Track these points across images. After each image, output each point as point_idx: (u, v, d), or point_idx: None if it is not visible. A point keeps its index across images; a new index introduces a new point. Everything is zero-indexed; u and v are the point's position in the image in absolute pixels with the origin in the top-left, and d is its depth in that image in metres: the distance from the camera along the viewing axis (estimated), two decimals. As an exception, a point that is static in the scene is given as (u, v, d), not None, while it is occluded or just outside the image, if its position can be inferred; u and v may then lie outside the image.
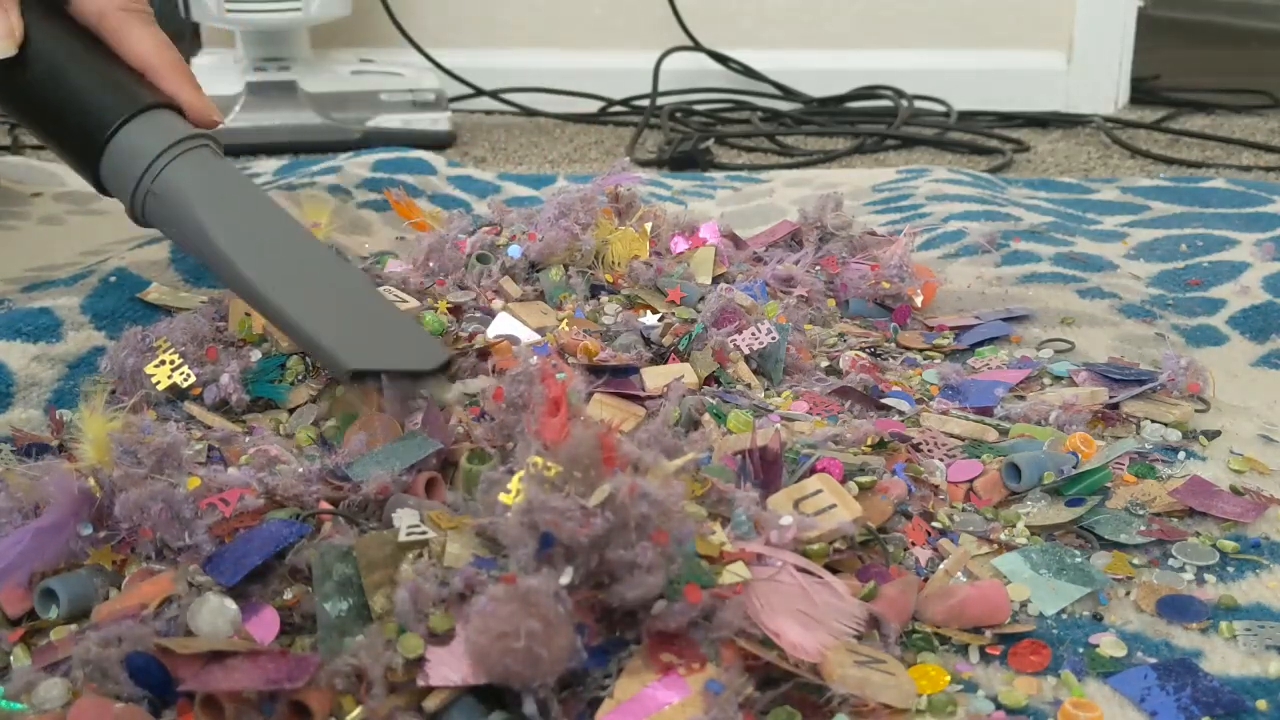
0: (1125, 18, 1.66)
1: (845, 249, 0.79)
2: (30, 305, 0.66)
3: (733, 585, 0.40)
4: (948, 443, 0.56)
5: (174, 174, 0.58)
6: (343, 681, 0.37)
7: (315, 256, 0.58)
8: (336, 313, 0.55)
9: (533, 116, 1.68)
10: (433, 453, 0.49)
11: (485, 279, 0.72)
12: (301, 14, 1.43)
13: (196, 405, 0.59)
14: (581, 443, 0.40)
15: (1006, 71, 1.67)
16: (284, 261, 0.57)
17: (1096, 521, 0.50)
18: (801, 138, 1.53)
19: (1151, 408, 0.60)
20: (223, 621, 0.40)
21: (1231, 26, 2.74)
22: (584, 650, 0.38)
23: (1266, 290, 0.79)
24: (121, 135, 0.59)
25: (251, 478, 0.47)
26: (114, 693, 0.37)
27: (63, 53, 0.61)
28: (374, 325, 0.55)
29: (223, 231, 0.56)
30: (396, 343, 0.54)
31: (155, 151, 0.58)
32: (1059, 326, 0.74)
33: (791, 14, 1.72)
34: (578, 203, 0.75)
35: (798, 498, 0.46)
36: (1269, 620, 0.43)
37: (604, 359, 0.62)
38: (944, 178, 1.11)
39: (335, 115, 1.44)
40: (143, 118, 0.59)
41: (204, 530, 0.44)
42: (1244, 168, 1.31)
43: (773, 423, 0.56)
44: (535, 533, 0.38)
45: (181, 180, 0.58)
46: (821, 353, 0.68)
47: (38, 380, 0.61)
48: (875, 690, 0.38)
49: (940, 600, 0.44)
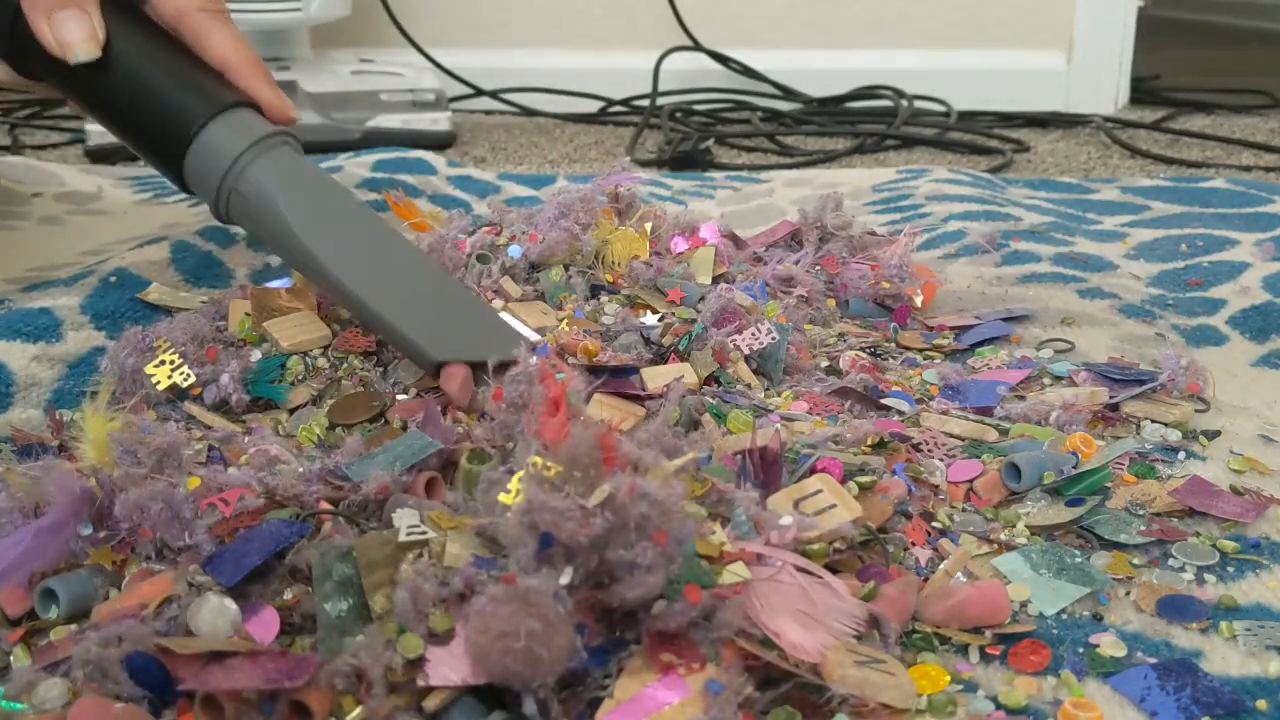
0: (1125, 18, 1.66)
1: (845, 249, 0.79)
2: (30, 305, 0.66)
3: (733, 585, 0.40)
4: (948, 443, 0.56)
5: (257, 172, 0.59)
6: (343, 681, 0.37)
7: (397, 251, 0.59)
8: (421, 306, 0.56)
9: (533, 116, 1.68)
10: (433, 453, 0.49)
11: (485, 279, 0.72)
12: (301, 14, 1.43)
13: (196, 405, 0.59)
14: (581, 443, 0.40)
15: (1006, 71, 1.67)
16: (368, 257, 0.58)
17: (1096, 521, 0.50)
18: (801, 138, 1.53)
19: (1151, 408, 0.60)
20: (223, 621, 0.40)
21: (1231, 26, 2.74)
22: (584, 650, 0.38)
23: (1266, 290, 0.79)
24: (204, 135, 0.59)
25: (251, 478, 0.47)
26: (114, 693, 0.37)
27: (144, 53, 0.62)
28: (457, 317, 0.57)
29: (307, 228, 0.57)
30: (481, 335, 0.56)
31: (238, 150, 0.59)
32: (1059, 326, 0.74)
33: (791, 14, 1.72)
34: (578, 203, 0.75)
35: (798, 498, 0.46)
36: (1269, 620, 0.43)
37: (604, 359, 0.62)
38: (944, 178, 1.11)
39: (335, 115, 1.44)
40: (224, 117, 0.60)
41: (204, 530, 0.44)
42: (1244, 168, 1.31)
43: (773, 423, 0.56)
44: (535, 533, 0.38)
45: (264, 178, 0.59)
46: (821, 353, 0.68)
47: (38, 380, 0.61)
48: (875, 690, 0.38)
49: (940, 600, 0.44)
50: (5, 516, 0.44)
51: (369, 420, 0.57)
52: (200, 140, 0.59)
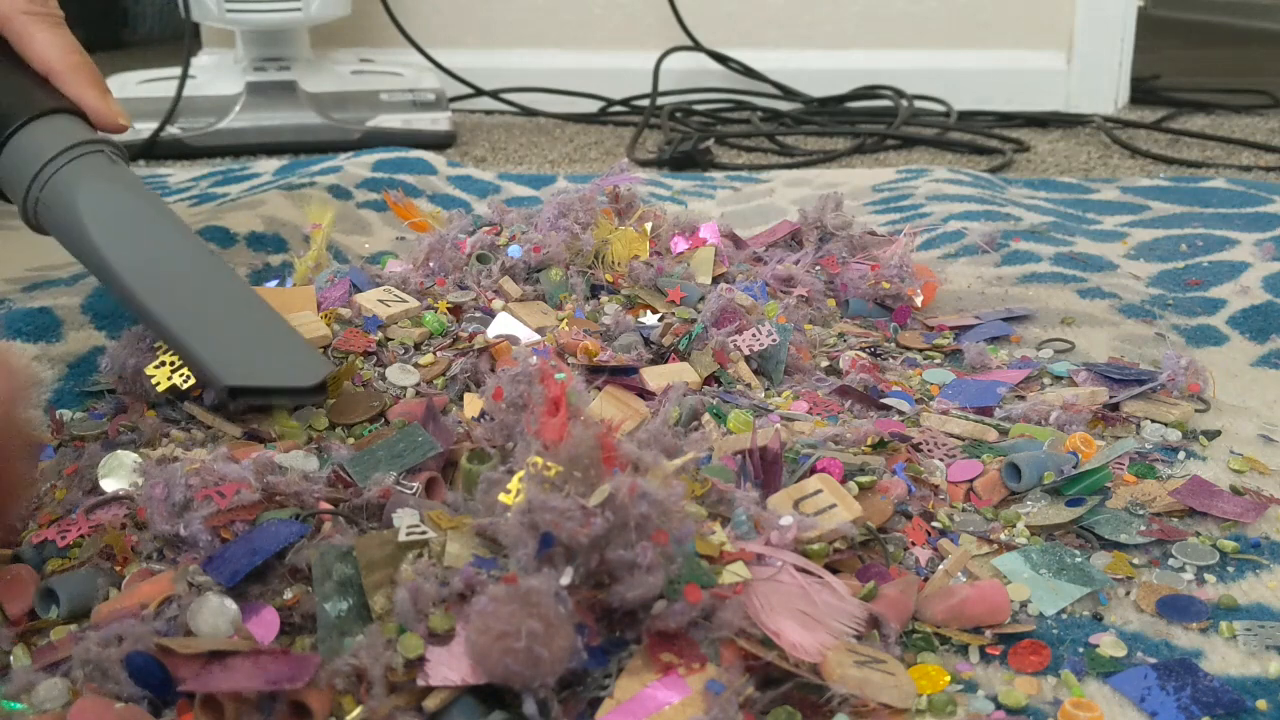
0: (1125, 18, 1.66)
1: (845, 249, 0.79)
2: (30, 305, 0.66)
3: (733, 585, 0.40)
4: (948, 443, 0.56)
5: (64, 179, 0.57)
6: (343, 681, 0.37)
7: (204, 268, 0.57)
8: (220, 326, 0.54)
9: (533, 116, 1.68)
10: (433, 455, 0.49)
11: (485, 279, 0.72)
12: (301, 14, 1.43)
13: (196, 406, 0.59)
14: (581, 443, 0.40)
15: (1006, 71, 1.67)
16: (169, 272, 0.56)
17: (1096, 521, 0.50)
18: (801, 138, 1.53)
19: (1151, 408, 0.60)
20: (223, 621, 0.40)
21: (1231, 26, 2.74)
22: (584, 650, 0.38)
23: (1266, 290, 0.79)
24: (16, 139, 0.58)
25: (249, 472, 0.47)
26: (114, 693, 0.37)
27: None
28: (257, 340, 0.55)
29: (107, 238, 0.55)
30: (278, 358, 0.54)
31: (47, 156, 0.57)
32: (1059, 326, 0.74)
33: (791, 14, 1.72)
34: (578, 203, 0.75)
35: (798, 498, 0.46)
36: (1269, 620, 0.43)
37: (604, 359, 0.62)
38: (944, 178, 1.11)
39: (335, 115, 1.44)
40: (40, 122, 0.59)
41: (199, 522, 0.44)
42: (1244, 168, 1.31)
43: (773, 423, 0.56)
44: (535, 533, 0.38)
45: (70, 186, 0.57)
46: (821, 353, 0.68)
47: (38, 380, 0.61)
48: (875, 690, 0.38)
49: (940, 600, 0.44)
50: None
51: (369, 420, 0.57)
52: (11, 146, 0.58)
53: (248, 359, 0.54)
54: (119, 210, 0.57)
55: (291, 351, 0.55)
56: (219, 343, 0.53)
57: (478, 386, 0.61)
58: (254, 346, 0.55)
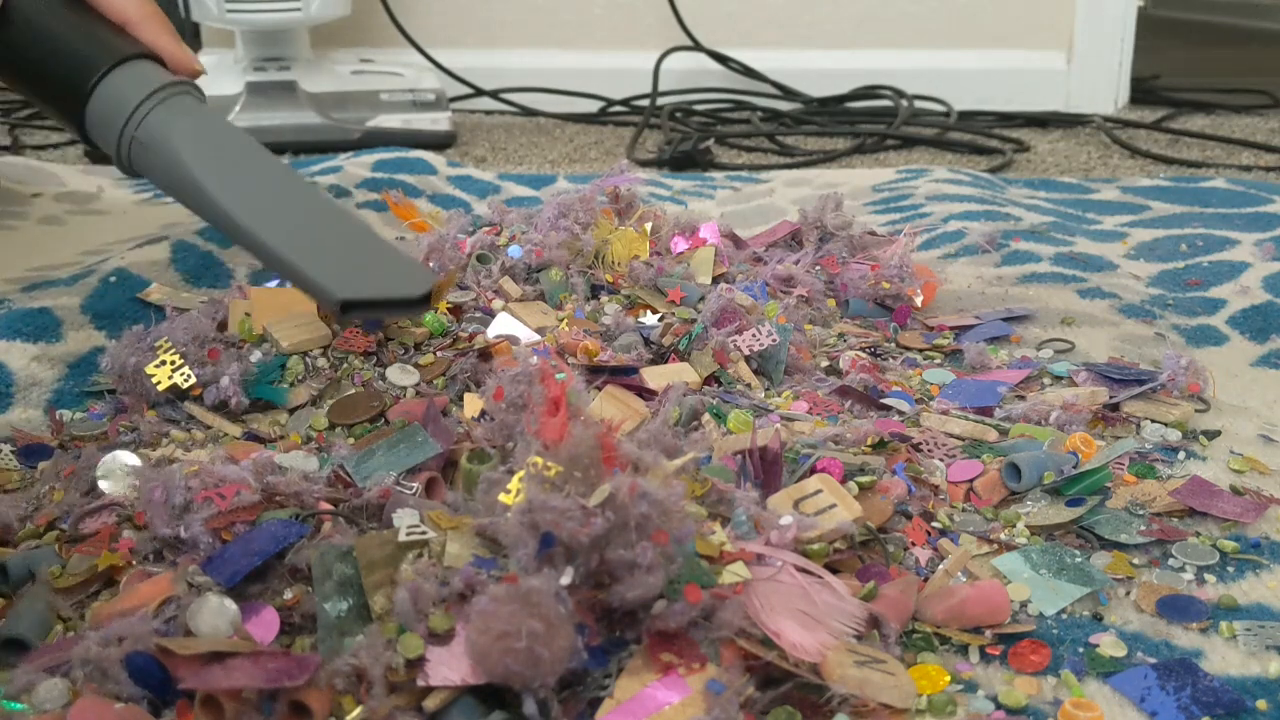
0: (1125, 18, 1.66)
1: (845, 249, 0.79)
2: (30, 305, 0.66)
3: (733, 585, 0.40)
4: (948, 443, 0.56)
5: (157, 119, 0.59)
6: (343, 681, 0.37)
7: (299, 192, 0.59)
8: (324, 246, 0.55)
9: (533, 116, 1.68)
10: (433, 455, 0.49)
11: (485, 279, 0.72)
12: (301, 14, 1.43)
13: (196, 405, 0.59)
14: (581, 443, 0.40)
15: (1006, 71, 1.67)
16: (269, 199, 0.57)
17: (1096, 521, 0.50)
18: (801, 138, 1.53)
19: (1151, 408, 0.60)
20: (223, 621, 0.40)
21: (1231, 26, 2.74)
22: (584, 650, 0.38)
23: (1266, 290, 0.79)
24: (104, 86, 0.59)
25: (249, 473, 0.47)
26: (114, 693, 0.37)
27: (42, 8, 0.61)
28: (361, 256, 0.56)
29: (207, 172, 0.57)
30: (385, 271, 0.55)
31: (138, 99, 0.59)
32: (1059, 326, 0.74)
33: (791, 14, 1.72)
34: (578, 203, 0.75)
35: (798, 498, 0.46)
36: (1269, 620, 0.43)
37: (604, 359, 0.62)
38: (944, 178, 1.11)
39: (335, 115, 1.44)
40: (124, 68, 0.60)
41: (200, 523, 0.44)
42: (1244, 168, 1.31)
43: (773, 423, 0.56)
44: (535, 533, 0.38)
45: (165, 125, 0.58)
46: (821, 353, 0.68)
47: (38, 380, 0.61)
48: (875, 690, 0.38)
49: (940, 600, 0.44)
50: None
51: (369, 420, 0.57)
52: (100, 91, 0.59)
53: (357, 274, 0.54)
54: (213, 144, 0.59)
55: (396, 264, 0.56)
56: (327, 261, 0.54)
57: (478, 386, 0.61)
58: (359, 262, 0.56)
